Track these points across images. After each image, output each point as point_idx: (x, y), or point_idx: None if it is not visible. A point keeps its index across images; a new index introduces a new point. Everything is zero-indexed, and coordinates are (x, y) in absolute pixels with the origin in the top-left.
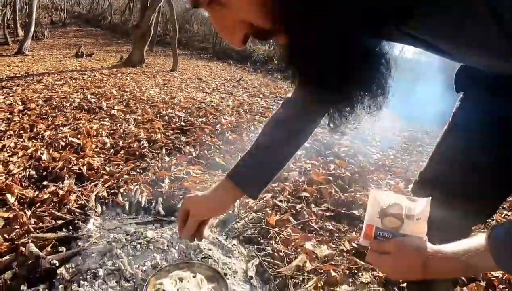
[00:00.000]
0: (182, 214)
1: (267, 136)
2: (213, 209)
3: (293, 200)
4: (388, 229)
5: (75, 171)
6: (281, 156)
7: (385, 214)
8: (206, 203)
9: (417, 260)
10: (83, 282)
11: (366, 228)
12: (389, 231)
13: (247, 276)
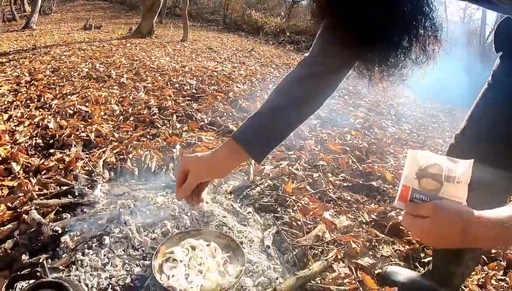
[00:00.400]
0: (180, 174)
1: (280, 96)
2: (213, 170)
3: (309, 168)
4: (426, 191)
5: (82, 137)
6: (292, 119)
7: (423, 174)
8: (206, 163)
9: (457, 226)
10: (88, 251)
11: (402, 189)
12: (426, 193)
13: (264, 245)
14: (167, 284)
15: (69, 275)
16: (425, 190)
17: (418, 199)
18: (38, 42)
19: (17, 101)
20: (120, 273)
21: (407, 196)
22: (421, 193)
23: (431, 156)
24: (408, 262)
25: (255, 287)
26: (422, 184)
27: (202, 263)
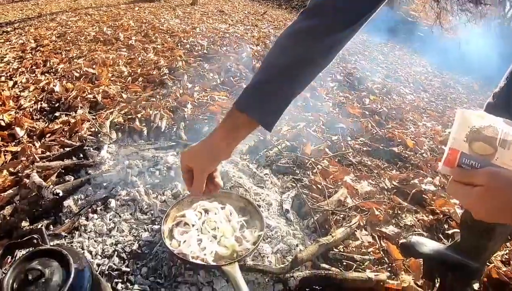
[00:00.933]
0: (185, 174)
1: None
2: (217, 155)
3: (328, 131)
4: (477, 156)
5: (89, 99)
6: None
7: (475, 137)
8: (207, 153)
9: None
10: (92, 215)
11: (449, 153)
12: (478, 158)
13: (283, 209)
14: (178, 251)
15: (71, 242)
16: (476, 155)
17: (468, 165)
18: (44, 11)
19: (22, 67)
20: (127, 239)
21: (454, 161)
22: (472, 158)
23: (485, 116)
24: (431, 232)
25: (274, 255)
26: (474, 148)
27: (216, 228)
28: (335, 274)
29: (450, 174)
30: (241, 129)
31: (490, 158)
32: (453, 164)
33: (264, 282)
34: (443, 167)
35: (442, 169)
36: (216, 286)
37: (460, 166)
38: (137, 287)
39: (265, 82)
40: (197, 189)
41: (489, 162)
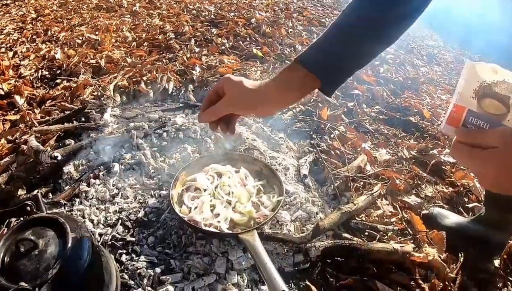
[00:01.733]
0: (211, 93)
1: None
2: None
3: (343, 97)
4: (487, 114)
5: (92, 64)
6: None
7: (485, 93)
8: (252, 93)
9: None
10: (94, 181)
11: (454, 110)
12: (487, 117)
13: (300, 174)
14: (189, 218)
15: (71, 210)
16: (485, 114)
17: (474, 125)
18: None
19: (23, 38)
20: (132, 206)
21: (460, 119)
22: (480, 116)
23: (498, 71)
24: (451, 205)
25: (293, 223)
26: (483, 105)
27: (231, 193)
28: (360, 245)
29: (454, 134)
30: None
31: (501, 118)
32: (458, 122)
33: (283, 252)
34: (446, 125)
35: (445, 128)
36: (232, 257)
37: (465, 125)
38: (143, 258)
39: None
40: (209, 115)
41: (500, 123)
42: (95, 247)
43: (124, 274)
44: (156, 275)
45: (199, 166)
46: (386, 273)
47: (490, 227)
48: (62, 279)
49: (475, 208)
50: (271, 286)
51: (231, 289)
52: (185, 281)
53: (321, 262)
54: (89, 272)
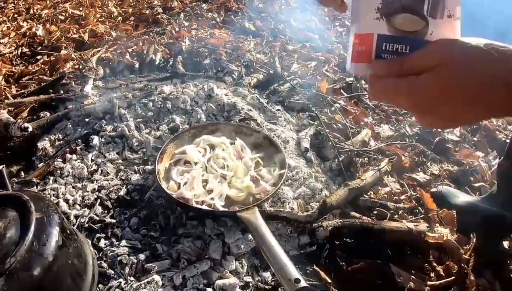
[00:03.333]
0: None
1: None
2: None
3: (340, 72)
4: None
5: (74, 39)
6: None
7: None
8: None
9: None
10: (70, 156)
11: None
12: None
13: (301, 148)
14: (178, 195)
15: (44, 190)
16: (401, 34)
17: (391, 52)
18: None
19: (3, 17)
20: (113, 183)
21: (370, 51)
22: (395, 39)
23: None
24: (458, 184)
25: (296, 200)
26: (395, 24)
27: (226, 166)
28: (372, 224)
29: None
30: None
31: (422, 34)
32: (369, 56)
33: (287, 233)
34: (353, 64)
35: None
36: (228, 239)
37: (380, 56)
38: (124, 243)
39: None
40: None
41: (422, 40)
42: (66, 231)
43: (102, 262)
44: (139, 263)
45: (189, 137)
46: (400, 255)
47: (502, 205)
48: (23, 269)
49: (481, 188)
50: (280, 274)
51: (228, 278)
52: (174, 269)
53: (329, 244)
54: (58, 260)
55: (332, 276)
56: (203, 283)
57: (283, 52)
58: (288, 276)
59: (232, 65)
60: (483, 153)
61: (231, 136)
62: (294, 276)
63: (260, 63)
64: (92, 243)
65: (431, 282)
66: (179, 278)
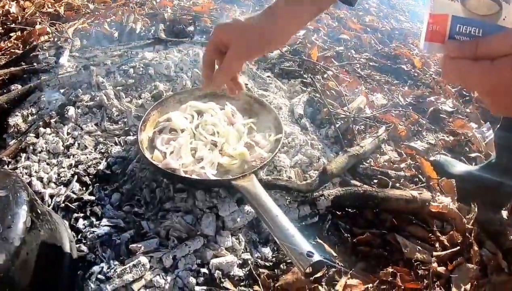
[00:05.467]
0: (211, 52)
1: None
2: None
3: (331, 42)
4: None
5: (50, 13)
6: None
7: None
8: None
9: None
10: (43, 130)
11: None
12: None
13: (295, 114)
14: (164, 165)
15: (15, 168)
16: (475, 16)
17: (465, 34)
18: None
19: None
20: (91, 157)
21: (444, 31)
22: (469, 22)
23: None
24: (454, 154)
25: (292, 169)
26: (470, 7)
27: (216, 133)
28: (376, 192)
29: (441, 51)
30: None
31: (495, 19)
32: (442, 36)
33: (286, 204)
34: (427, 44)
35: (427, 46)
36: (223, 212)
37: (453, 37)
38: (106, 222)
39: None
40: (225, 75)
41: (495, 24)
42: (36, 210)
43: (81, 245)
44: (123, 244)
45: (174, 103)
46: (404, 225)
47: (500, 174)
48: None
49: (477, 158)
50: (288, 248)
51: (224, 255)
52: (163, 249)
53: (331, 215)
54: (26, 245)
55: (337, 248)
56: (196, 263)
57: None
58: (299, 249)
59: None
60: (476, 124)
61: (220, 102)
62: (306, 249)
63: None
64: (69, 224)
65: (436, 253)
66: (169, 259)
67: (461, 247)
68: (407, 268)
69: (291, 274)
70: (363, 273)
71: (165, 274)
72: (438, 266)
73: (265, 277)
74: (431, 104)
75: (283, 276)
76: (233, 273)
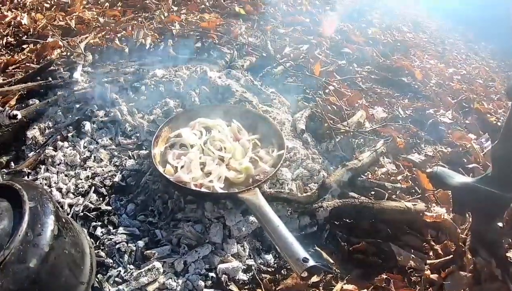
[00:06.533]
0: None
1: None
2: None
3: (333, 55)
4: None
5: (61, 26)
6: None
7: None
8: None
9: None
10: (61, 144)
11: None
12: None
13: (297, 130)
14: (175, 178)
15: (36, 179)
16: None
17: None
18: None
19: None
20: (107, 170)
21: None
22: None
23: None
24: (452, 166)
25: (294, 182)
26: None
27: (223, 148)
28: (372, 203)
29: None
30: None
31: None
32: None
33: (287, 214)
34: None
35: None
36: (229, 222)
37: None
38: (122, 230)
39: None
40: None
41: None
42: (61, 220)
43: (100, 251)
44: (139, 250)
45: (184, 120)
46: (399, 234)
47: (497, 186)
48: (18, 261)
49: (475, 169)
50: (287, 254)
51: (230, 261)
52: (175, 255)
53: (330, 225)
54: (54, 251)
55: (334, 256)
56: (205, 268)
57: (275, 36)
58: (296, 255)
59: (224, 48)
60: (475, 135)
61: (227, 118)
62: (302, 255)
63: (252, 46)
64: (88, 232)
65: (430, 261)
66: (181, 264)
67: (454, 255)
68: (401, 275)
69: (291, 278)
70: (359, 279)
71: (176, 278)
72: (432, 274)
73: (267, 282)
74: (430, 117)
75: (283, 280)
76: (238, 277)
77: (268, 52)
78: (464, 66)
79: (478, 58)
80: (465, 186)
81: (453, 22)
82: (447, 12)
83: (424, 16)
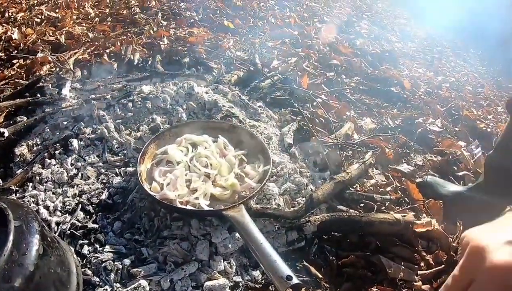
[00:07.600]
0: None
1: None
2: None
3: (321, 67)
4: None
5: (51, 42)
6: None
7: None
8: None
9: None
10: (49, 161)
11: None
12: None
13: (284, 144)
14: (161, 196)
15: (23, 197)
16: None
17: None
18: None
19: None
20: (94, 187)
21: None
22: None
23: None
24: (442, 174)
25: (281, 196)
26: None
27: (209, 164)
28: (360, 216)
29: None
30: None
31: None
32: None
33: (274, 230)
34: None
35: None
36: (215, 239)
37: None
38: (108, 248)
39: None
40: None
41: None
42: (47, 238)
43: (86, 269)
44: (125, 268)
45: (170, 136)
46: (389, 246)
47: (488, 194)
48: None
49: (465, 176)
50: (271, 272)
51: (217, 278)
52: (161, 273)
53: (318, 239)
54: (39, 270)
55: (323, 271)
56: (191, 285)
57: (263, 49)
58: (279, 273)
59: (211, 62)
60: (465, 142)
61: (213, 134)
62: (286, 273)
63: (240, 60)
64: (75, 250)
65: (421, 272)
66: (167, 282)
67: (446, 265)
68: (391, 288)
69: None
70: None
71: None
72: (423, 284)
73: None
74: (419, 126)
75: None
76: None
77: (255, 66)
78: (453, 73)
79: (467, 65)
80: (456, 194)
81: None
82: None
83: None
